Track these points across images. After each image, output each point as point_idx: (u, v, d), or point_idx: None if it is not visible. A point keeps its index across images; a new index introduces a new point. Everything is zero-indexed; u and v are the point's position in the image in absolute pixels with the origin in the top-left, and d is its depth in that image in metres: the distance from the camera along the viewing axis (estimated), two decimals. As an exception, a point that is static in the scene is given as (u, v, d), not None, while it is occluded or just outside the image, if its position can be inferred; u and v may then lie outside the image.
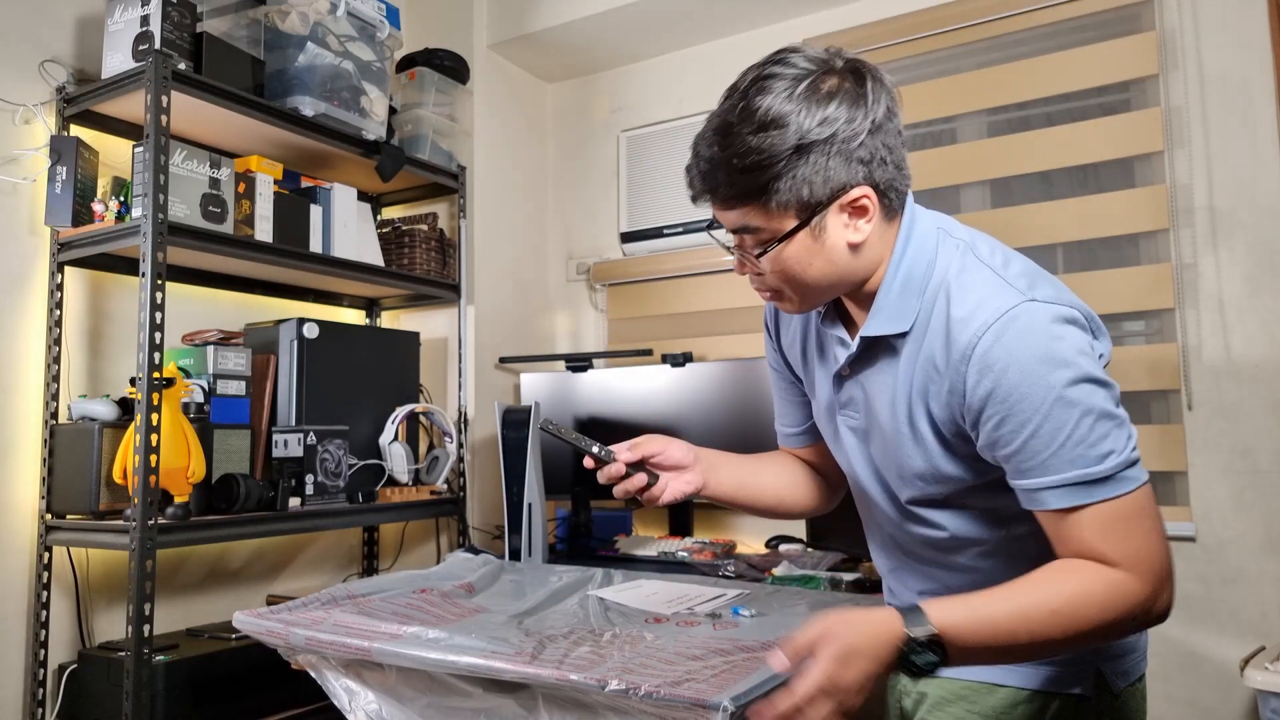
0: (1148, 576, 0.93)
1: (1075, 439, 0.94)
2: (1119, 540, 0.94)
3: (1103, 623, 0.93)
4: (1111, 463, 0.94)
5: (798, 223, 1.01)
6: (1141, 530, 0.94)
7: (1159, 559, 0.95)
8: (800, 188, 0.99)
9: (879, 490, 1.16)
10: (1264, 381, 2.13)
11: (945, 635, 0.92)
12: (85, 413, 2.02)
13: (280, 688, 2.06)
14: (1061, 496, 0.95)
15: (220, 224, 2.11)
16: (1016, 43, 2.51)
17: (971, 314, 0.98)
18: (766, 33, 2.86)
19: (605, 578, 2.02)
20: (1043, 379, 0.94)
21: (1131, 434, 0.96)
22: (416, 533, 2.88)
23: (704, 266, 2.87)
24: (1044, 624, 0.93)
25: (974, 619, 0.93)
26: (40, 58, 2.13)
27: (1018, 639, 0.93)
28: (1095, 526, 0.94)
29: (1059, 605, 0.93)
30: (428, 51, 2.72)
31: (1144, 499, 0.95)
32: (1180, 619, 2.16)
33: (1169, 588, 0.95)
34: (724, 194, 1.02)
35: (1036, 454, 0.95)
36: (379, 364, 2.56)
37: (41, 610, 2.03)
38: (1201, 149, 2.23)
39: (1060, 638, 0.93)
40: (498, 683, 1.37)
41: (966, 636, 0.92)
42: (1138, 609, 0.94)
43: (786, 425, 1.37)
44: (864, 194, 1.01)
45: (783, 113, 0.98)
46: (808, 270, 1.04)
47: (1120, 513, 0.94)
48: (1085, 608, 0.93)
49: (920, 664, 0.92)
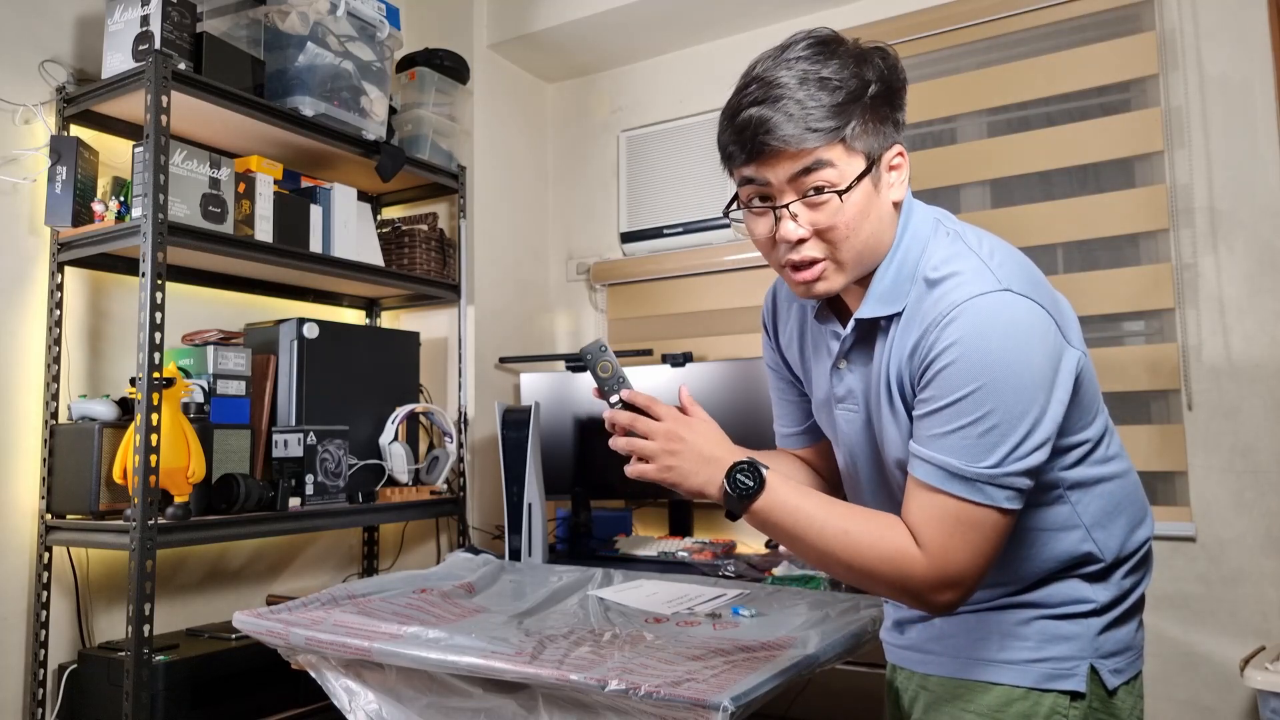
0: (937, 571, 1.00)
1: (966, 433, 0.98)
2: (940, 534, 1.00)
3: (871, 571, 1.02)
4: (980, 470, 0.98)
5: (866, 166, 1.05)
6: (965, 539, 0.99)
7: (958, 566, 1.00)
8: (873, 128, 1.05)
9: (882, 481, 1.17)
10: (1264, 381, 2.13)
11: (768, 482, 1.05)
12: (85, 413, 2.02)
13: (280, 688, 2.06)
14: (926, 472, 1.01)
15: (220, 224, 2.11)
16: (1016, 43, 2.51)
17: (948, 293, 1.02)
18: (766, 33, 2.86)
19: (605, 578, 2.03)
20: (974, 366, 0.98)
21: (1027, 460, 0.99)
22: (416, 533, 2.88)
23: (704, 266, 2.87)
24: (834, 537, 1.03)
25: (794, 493, 1.06)
26: (40, 58, 2.13)
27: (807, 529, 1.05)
28: (931, 510, 1.01)
29: (854, 533, 1.03)
30: (428, 51, 2.72)
31: (988, 519, 0.99)
32: (1180, 619, 2.16)
33: (953, 593, 1.01)
34: (817, 120, 1.02)
35: (934, 426, 1.01)
36: (379, 364, 2.56)
37: (41, 610, 2.03)
38: (1201, 149, 2.23)
39: (837, 555, 1.04)
40: (498, 683, 1.37)
41: (778, 496, 1.05)
42: (910, 587, 1.01)
43: (784, 426, 1.37)
44: (901, 150, 1.08)
45: (863, 54, 1.05)
46: (864, 224, 1.06)
47: (957, 514, 0.99)
48: (869, 550, 1.02)
49: (739, 481, 1.05)
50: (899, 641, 1.23)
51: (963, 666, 1.13)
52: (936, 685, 1.16)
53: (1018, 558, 1.09)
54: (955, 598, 1.01)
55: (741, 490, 1.05)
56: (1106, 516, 1.11)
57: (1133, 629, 1.14)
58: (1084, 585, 1.10)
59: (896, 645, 1.24)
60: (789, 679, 1.31)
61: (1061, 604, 1.10)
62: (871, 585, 1.05)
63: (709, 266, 2.86)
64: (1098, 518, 1.11)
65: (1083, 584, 1.10)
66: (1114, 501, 1.12)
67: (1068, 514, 1.10)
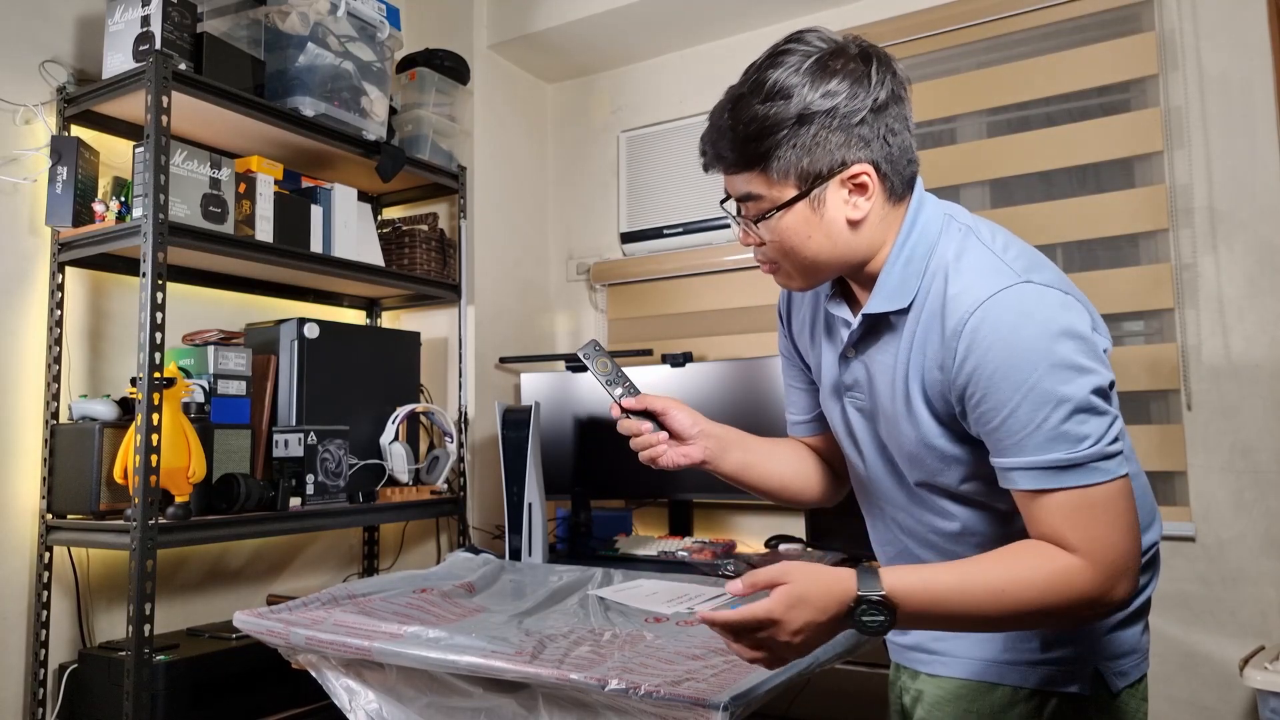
0: (1101, 565, 0.95)
1: (1051, 423, 0.95)
2: (1081, 527, 0.96)
3: (1043, 606, 0.95)
4: (1084, 451, 0.95)
5: (797, 193, 1.04)
6: (1105, 520, 0.96)
7: (1118, 551, 0.96)
8: (801, 157, 1.03)
9: (888, 472, 1.17)
10: (1264, 381, 2.13)
11: (895, 598, 0.95)
12: (86, 413, 2.02)
13: (281, 687, 2.06)
14: (1032, 478, 0.97)
15: (221, 224, 2.12)
16: (1016, 43, 2.51)
17: (966, 291, 1.00)
18: (766, 33, 2.87)
19: (605, 577, 2.03)
20: (1025, 360, 0.96)
21: (1113, 426, 0.97)
22: (417, 533, 2.88)
23: (704, 266, 2.87)
24: (987, 601, 0.96)
25: (922, 587, 0.97)
26: (41, 58, 2.13)
27: (961, 611, 0.97)
28: (1061, 511, 0.96)
29: (1005, 585, 0.96)
30: (428, 52, 2.73)
31: (1115, 492, 0.96)
32: (1180, 619, 2.17)
33: (1125, 581, 0.96)
34: (729, 160, 1.06)
35: (1013, 434, 0.97)
36: (379, 364, 2.56)
37: (42, 610, 2.04)
38: (1201, 149, 2.23)
39: (998, 615, 0.97)
40: (498, 682, 1.38)
41: (913, 603, 0.96)
42: (1085, 597, 0.95)
43: (795, 413, 1.37)
44: (864, 171, 1.04)
45: (789, 85, 1.03)
46: (806, 244, 1.07)
47: (1087, 500, 0.96)
48: (1028, 589, 0.95)
49: (869, 623, 0.95)
50: (902, 641, 1.23)
51: (966, 667, 1.13)
52: (939, 686, 1.16)
53: None
54: (1130, 584, 0.97)
55: (876, 628, 0.96)
56: None
57: (1138, 632, 1.14)
58: None
59: (900, 645, 1.24)
60: (789, 679, 1.31)
61: None
62: (1052, 622, 1.01)
63: (709, 266, 2.86)
64: None
65: None
66: None
67: None
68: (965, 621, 0.98)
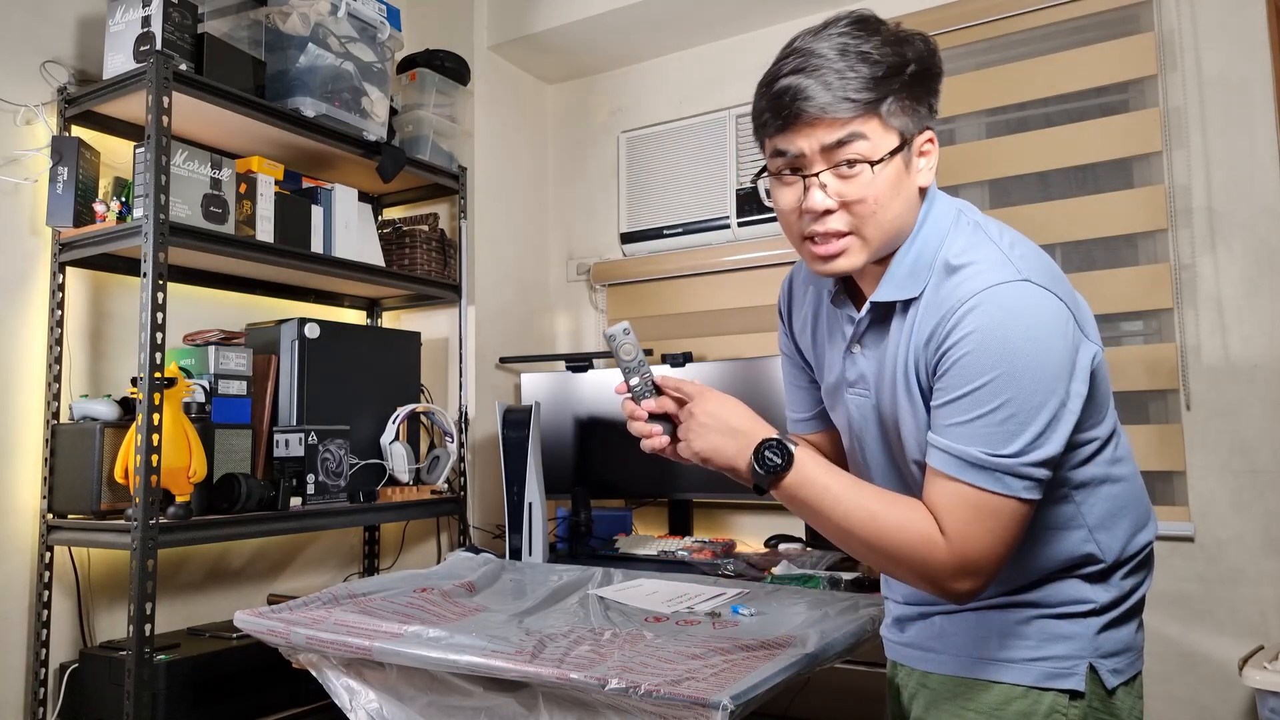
0: (958, 558, 1.00)
1: (985, 421, 0.98)
2: (961, 521, 1.00)
3: (895, 554, 1.03)
4: (1001, 459, 0.98)
5: (900, 143, 1.05)
6: (984, 527, 0.99)
7: (980, 555, 1.00)
8: (908, 108, 1.05)
9: (890, 466, 1.17)
10: (1262, 381, 2.13)
11: (796, 459, 1.05)
12: (86, 413, 2.02)
13: (281, 687, 2.07)
14: (943, 461, 1.01)
15: (221, 224, 2.12)
16: (1016, 43, 2.51)
17: (966, 281, 1.02)
18: (766, 33, 2.87)
19: (605, 577, 2.03)
20: (992, 355, 0.98)
21: (1046, 451, 0.99)
22: (417, 532, 2.88)
23: (704, 267, 2.88)
24: (857, 517, 1.04)
25: (821, 470, 1.07)
26: (41, 58, 2.13)
27: (835, 510, 1.05)
28: (952, 499, 1.00)
29: (878, 516, 1.03)
30: (428, 52, 2.73)
31: (1007, 509, 0.99)
32: (1179, 618, 2.17)
33: (973, 582, 1.01)
34: (855, 91, 1.01)
35: (950, 416, 1.01)
36: (380, 364, 2.57)
37: (43, 610, 2.04)
38: (1200, 150, 2.23)
39: (858, 535, 1.04)
40: (498, 681, 1.38)
41: (806, 473, 1.06)
42: (929, 572, 1.01)
43: (795, 412, 1.38)
44: (931, 137, 1.09)
45: (901, 34, 1.06)
46: (891, 203, 1.06)
47: (978, 501, 0.99)
48: (894, 532, 1.02)
49: (767, 458, 1.06)
50: (899, 639, 1.23)
51: (963, 664, 1.14)
52: (937, 683, 1.16)
53: (1019, 556, 1.09)
54: (975, 586, 1.02)
55: (770, 466, 1.05)
56: (1110, 518, 1.12)
57: (1132, 630, 1.14)
58: (1084, 585, 1.11)
59: (897, 642, 1.24)
60: (788, 677, 1.31)
61: (1061, 603, 1.10)
62: (892, 568, 1.06)
63: (709, 267, 2.87)
64: (1101, 519, 1.11)
65: (1083, 584, 1.11)
66: (1119, 504, 1.13)
67: (1072, 513, 1.10)
68: (830, 521, 1.06)
